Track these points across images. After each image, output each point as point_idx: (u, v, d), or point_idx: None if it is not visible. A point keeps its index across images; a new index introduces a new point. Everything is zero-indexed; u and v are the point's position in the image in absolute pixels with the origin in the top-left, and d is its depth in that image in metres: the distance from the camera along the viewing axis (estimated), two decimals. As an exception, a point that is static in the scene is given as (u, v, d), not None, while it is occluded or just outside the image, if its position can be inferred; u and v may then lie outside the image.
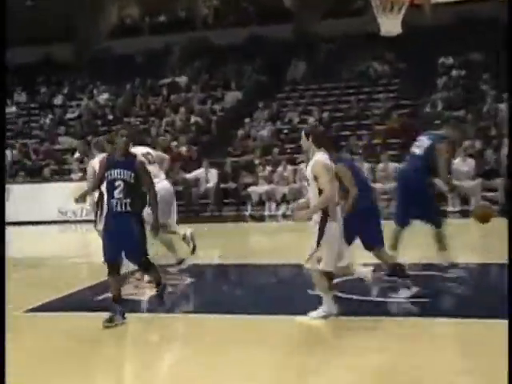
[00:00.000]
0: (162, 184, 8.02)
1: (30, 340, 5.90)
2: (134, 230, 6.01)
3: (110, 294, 6.30)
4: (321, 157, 5.94)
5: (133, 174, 6.03)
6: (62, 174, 18.47)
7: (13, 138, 20.96)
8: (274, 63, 21.84)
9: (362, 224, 6.49)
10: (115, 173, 6.03)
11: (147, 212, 6.73)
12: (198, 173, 16.57)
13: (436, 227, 7.67)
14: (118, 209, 6.01)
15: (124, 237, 6.00)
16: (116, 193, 6.02)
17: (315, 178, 5.84)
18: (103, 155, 9.67)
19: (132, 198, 6.02)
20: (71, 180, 17.26)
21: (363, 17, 18.94)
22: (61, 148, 20.05)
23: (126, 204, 6.00)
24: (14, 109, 23.08)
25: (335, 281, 6.49)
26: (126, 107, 21.45)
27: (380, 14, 11.86)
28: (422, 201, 7.49)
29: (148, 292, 7.47)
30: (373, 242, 6.67)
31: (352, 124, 18.27)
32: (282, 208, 15.84)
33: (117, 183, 6.03)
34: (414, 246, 8.62)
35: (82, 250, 12.02)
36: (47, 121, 21.77)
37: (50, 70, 24.33)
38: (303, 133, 6.13)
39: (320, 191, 5.82)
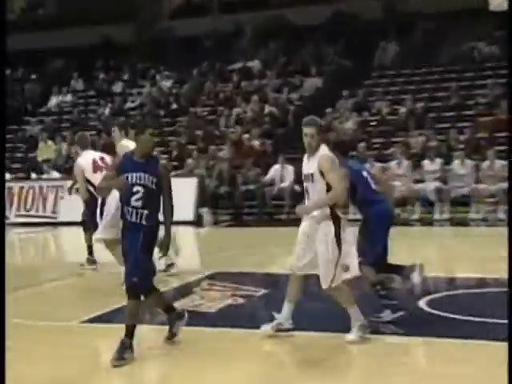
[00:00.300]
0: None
1: (84, 353, 6.03)
2: (138, 245, 5.72)
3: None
4: (327, 150, 6.04)
5: (155, 180, 5.79)
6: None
7: (68, 129, 21.61)
8: (360, 45, 21.62)
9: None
10: (134, 177, 5.81)
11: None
12: (273, 170, 16.59)
13: None
14: (133, 219, 5.81)
15: (129, 251, 5.81)
16: (133, 200, 5.79)
17: (322, 174, 5.92)
18: (90, 152, 9.83)
19: (150, 208, 5.78)
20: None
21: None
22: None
23: (142, 215, 5.77)
24: (69, 97, 23.80)
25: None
26: (192, 95, 21.74)
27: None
28: None
29: (216, 304, 7.53)
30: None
31: (451, 115, 17.89)
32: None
33: (135, 189, 5.79)
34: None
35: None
36: (106, 111, 22.31)
37: (108, 53, 24.94)
38: (313, 128, 6.09)
39: (328, 188, 5.90)
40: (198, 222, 15.79)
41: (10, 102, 22.47)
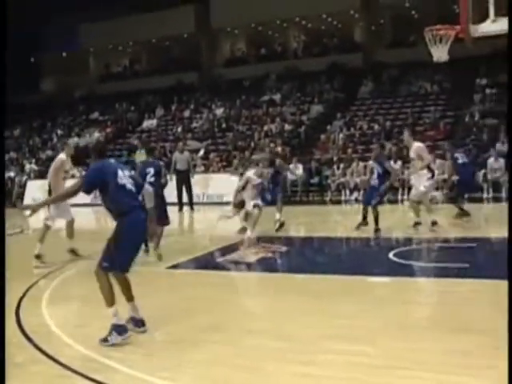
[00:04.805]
0: None
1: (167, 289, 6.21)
2: None
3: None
4: None
5: None
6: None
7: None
8: (347, 83, 21.37)
9: None
10: None
11: None
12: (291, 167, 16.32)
13: None
14: None
15: None
16: None
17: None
18: None
19: None
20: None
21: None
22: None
23: None
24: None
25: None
26: (235, 119, 21.50)
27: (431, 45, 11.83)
28: None
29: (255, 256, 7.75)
30: None
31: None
32: None
33: None
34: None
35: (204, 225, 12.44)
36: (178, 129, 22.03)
37: (179, 92, 24.72)
38: None
39: None
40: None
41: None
